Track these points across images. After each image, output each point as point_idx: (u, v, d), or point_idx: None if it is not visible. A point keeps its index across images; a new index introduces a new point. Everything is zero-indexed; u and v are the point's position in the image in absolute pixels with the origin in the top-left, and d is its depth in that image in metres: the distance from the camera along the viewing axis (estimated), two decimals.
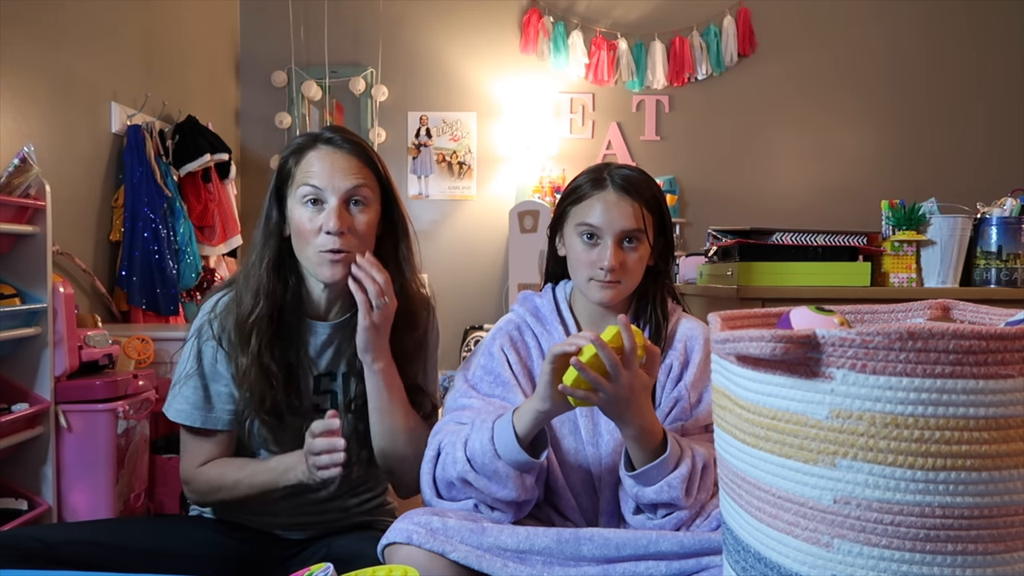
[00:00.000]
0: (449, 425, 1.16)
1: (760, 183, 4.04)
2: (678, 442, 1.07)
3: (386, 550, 1.03)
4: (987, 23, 3.99)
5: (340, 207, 1.17)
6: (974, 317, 0.87)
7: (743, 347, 0.65)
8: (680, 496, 1.04)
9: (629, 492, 1.09)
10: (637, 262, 1.19)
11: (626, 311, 1.25)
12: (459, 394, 1.22)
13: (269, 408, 1.21)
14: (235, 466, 1.24)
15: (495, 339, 1.25)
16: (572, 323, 1.25)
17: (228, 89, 3.93)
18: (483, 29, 4.02)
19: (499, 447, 1.04)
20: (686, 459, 1.06)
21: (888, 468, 0.60)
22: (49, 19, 2.38)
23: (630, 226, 1.16)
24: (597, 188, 1.19)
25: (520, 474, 1.05)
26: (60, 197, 2.10)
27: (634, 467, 1.07)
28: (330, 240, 1.17)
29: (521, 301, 1.30)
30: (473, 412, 1.16)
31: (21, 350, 1.87)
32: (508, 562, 0.97)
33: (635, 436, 1.04)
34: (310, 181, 1.18)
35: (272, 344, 1.21)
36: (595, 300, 1.19)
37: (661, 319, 1.23)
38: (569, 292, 1.28)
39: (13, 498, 1.86)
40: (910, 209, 1.98)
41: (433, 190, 4.07)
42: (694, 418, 1.18)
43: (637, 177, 1.20)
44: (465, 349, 3.89)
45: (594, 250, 1.17)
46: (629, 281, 1.19)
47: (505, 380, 1.20)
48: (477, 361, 1.25)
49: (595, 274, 1.17)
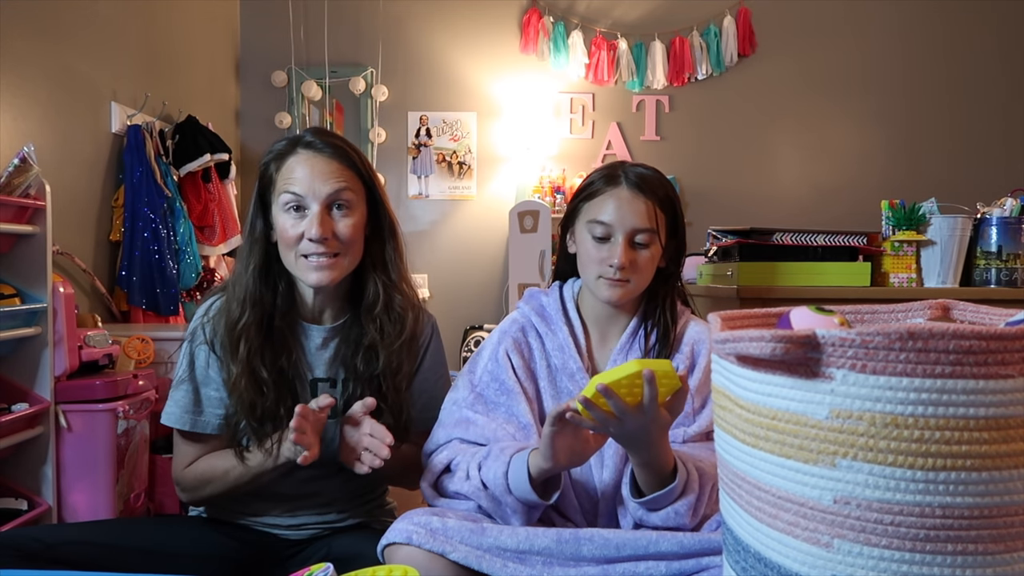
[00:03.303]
0: (457, 444, 1.16)
1: (760, 183, 4.04)
2: (686, 467, 1.06)
3: (386, 550, 1.03)
4: (987, 23, 3.99)
5: (322, 213, 1.16)
6: (974, 317, 0.87)
7: (743, 347, 0.65)
8: (686, 522, 1.03)
9: (633, 515, 1.08)
10: (647, 261, 1.17)
11: (634, 312, 1.24)
12: (463, 402, 1.21)
13: (259, 415, 1.20)
14: (223, 456, 1.24)
15: (500, 343, 1.23)
16: (578, 323, 1.24)
17: (228, 89, 3.93)
18: (483, 29, 4.02)
19: (512, 482, 1.04)
20: (693, 486, 1.04)
21: (888, 468, 0.60)
22: (49, 19, 2.38)
23: (642, 224, 1.15)
24: (611, 185, 1.18)
25: (528, 509, 1.05)
26: (60, 197, 2.10)
27: (639, 489, 1.06)
28: (313, 246, 1.16)
29: (527, 299, 1.29)
30: (478, 430, 1.16)
31: (21, 350, 1.87)
32: (508, 562, 0.97)
33: (644, 464, 1.03)
34: (290, 188, 1.17)
35: (262, 351, 1.20)
36: (603, 298, 1.18)
37: (670, 322, 1.21)
38: (577, 291, 1.27)
39: (13, 498, 1.86)
40: (910, 209, 1.98)
41: (433, 190, 4.07)
42: (696, 424, 1.16)
43: (652, 176, 1.19)
44: (465, 349, 3.89)
45: (604, 247, 1.16)
46: (638, 281, 1.18)
47: (510, 388, 1.19)
48: (483, 365, 1.23)
49: (604, 272, 1.16)
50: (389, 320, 1.26)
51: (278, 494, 1.28)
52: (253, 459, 1.19)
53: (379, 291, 1.26)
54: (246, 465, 1.20)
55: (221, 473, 1.22)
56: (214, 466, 1.23)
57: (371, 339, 1.25)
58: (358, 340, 1.26)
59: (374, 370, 1.25)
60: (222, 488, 1.23)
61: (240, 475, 1.20)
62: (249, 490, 1.23)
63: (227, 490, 1.23)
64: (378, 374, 1.25)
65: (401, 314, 1.27)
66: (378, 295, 1.26)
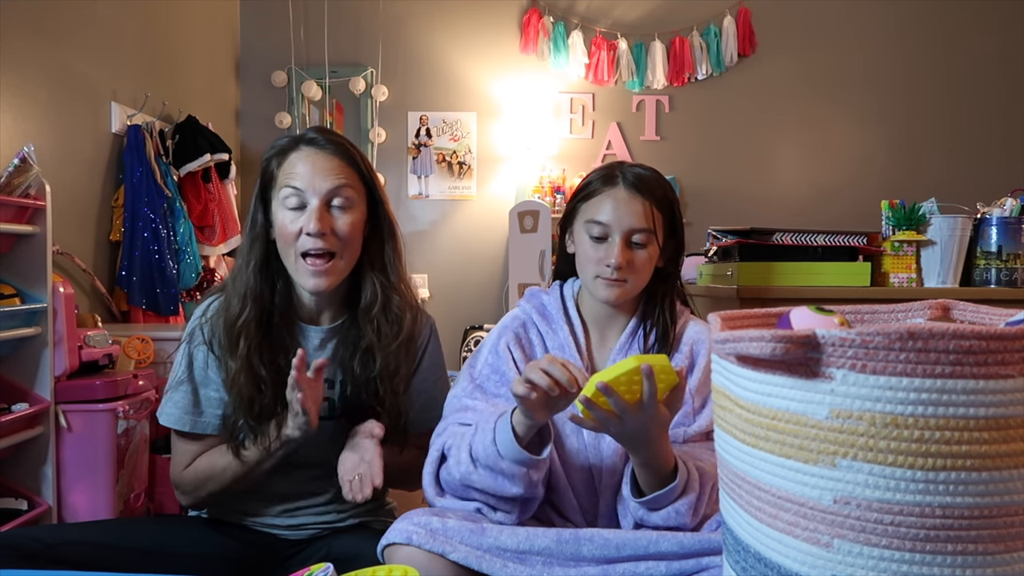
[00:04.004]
0: (453, 427, 1.16)
1: (760, 183, 4.04)
2: (687, 466, 1.06)
3: (386, 550, 1.03)
4: (987, 23, 3.99)
5: (321, 208, 1.17)
6: (974, 317, 0.87)
7: (743, 347, 0.65)
8: (687, 521, 1.04)
9: (634, 515, 1.08)
10: (645, 261, 1.17)
11: (633, 312, 1.24)
12: (463, 393, 1.22)
13: (257, 413, 1.20)
14: (220, 452, 1.23)
15: (501, 337, 1.24)
16: (578, 322, 1.24)
17: (228, 89, 3.93)
18: (483, 29, 4.02)
19: (501, 447, 1.04)
20: (694, 485, 1.04)
21: (888, 468, 0.60)
22: (49, 19, 2.38)
23: (639, 224, 1.15)
24: (608, 185, 1.18)
25: (526, 470, 1.04)
26: (60, 197, 2.10)
27: (640, 488, 1.06)
28: (311, 242, 1.16)
29: (528, 297, 1.29)
30: (476, 414, 1.16)
31: (21, 350, 1.87)
32: (508, 562, 0.97)
33: (644, 464, 1.04)
34: (291, 183, 1.18)
35: (261, 348, 1.20)
36: (601, 298, 1.19)
37: (669, 322, 1.22)
38: (577, 290, 1.28)
39: (13, 498, 1.86)
40: (910, 209, 1.98)
41: (433, 190, 4.07)
42: (696, 424, 1.17)
43: (649, 176, 1.19)
44: (465, 349, 3.89)
45: (602, 247, 1.17)
46: (636, 281, 1.18)
47: (510, 379, 1.19)
48: (484, 359, 1.24)
49: (602, 271, 1.16)
50: (387, 321, 1.26)
51: (276, 494, 1.28)
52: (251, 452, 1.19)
53: (377, 292, 1.26)
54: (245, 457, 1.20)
55: (220, 469, 1.22)
56: (213, 463, 1.23)
57: (368, 341, 1.25)
58: (356, 342, 1.26)
59: (371, 372, 1.25)
60: (219, 487, 1.23)
61: (238, 469, 1.20)
62: (249, 485, 1.23)
63: (227, 486, 1.23)
64: (375, 376, 1.25)
65: (399, 315, 1.27)
66: (376, 296, 1.26)
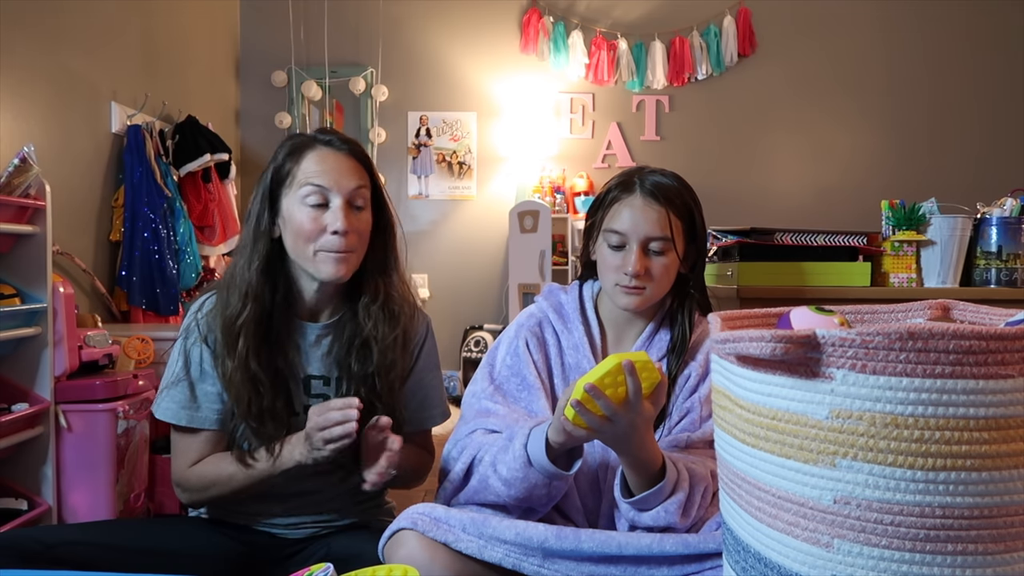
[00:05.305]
0: (479, 435, 1.15)
1: (760, 183, 4.04)
2: (676, 467, 1.06)
3: (387, 548, 1.03)
4: (987, 23, 3.99)
5: (346, 207, 1.18)
6: (974, 317, 0.87)
7: (743, 347, 0.65)
8: (676, 521, 1.04)
9: (626, 516, 1.08)
10: (663, 269, 1.16)
11: (652, 319, 1.24)
12: (484, 394, 1.21)
13: (255, 413, 1.20)
14: (229, 459, 1.24)
15: (518, 335, 1.23)
16: (595, 324, 1.24)
17: (228, 89, 3.93)
18: (483, 29, 4.02)
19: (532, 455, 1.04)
20: (683, 484, 1.04)
21: (888, 468, 0.60)
22: (49, 19, 2.38)
23: (655, 232, 1.15)
24: (626, 192, 1.18)
25: (550, 481, 1.05)
26: (60, 197, 2.10)
27: (631, 490, 1.06)
28: (335, 240, 1.17)
29: (546, 294, 1.29)
30: (499, 419, 1.16)
31: (21, 350, 1.87)
32: (509, 553, 0.97)
33: (633, 464, 1.03)
34: (314, 180, 1.18)
35: (259, 349, 1.20)
36: (621, 306, 1.18)
37: (687, 329, 1.20)
38: (596, 291, 1.27)
39: (13, 498, 1.86)
40: (910, 209, 1.98)
41: (433, 190, 4.07)
42: (701, 431, 1.16)
43: (667, 183, 1.18)
44: (465, 349, 3.88)
45: (620, 255, 1.16)
46: (655, 288, 1.17)
47: (531, 383, 1.19)
48: (503, 359, 1.23)
49: (620, 279, 1.16)
50: (384, 316, 1.26)
51: (275, 494, 1.27)
52: (259, 464, 1.20)
53: (376, 289, 1.27)
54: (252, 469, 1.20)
55: (226, 477, 1.22)
56: (220, 468, 1.23)
57: (365, 336, 1.26)
58: (352, 337, 1.27)
59: (368, 368, 1.26)
60: (224, 492, 1.23)
61: (245, 479, 1.21)
62: (253, 493, 1.23)
63: (232, 493, 1.23)
64: (372, 372, 1.26)
65: (396, 312, 1.28)
66: (375, 293, 1.27)
